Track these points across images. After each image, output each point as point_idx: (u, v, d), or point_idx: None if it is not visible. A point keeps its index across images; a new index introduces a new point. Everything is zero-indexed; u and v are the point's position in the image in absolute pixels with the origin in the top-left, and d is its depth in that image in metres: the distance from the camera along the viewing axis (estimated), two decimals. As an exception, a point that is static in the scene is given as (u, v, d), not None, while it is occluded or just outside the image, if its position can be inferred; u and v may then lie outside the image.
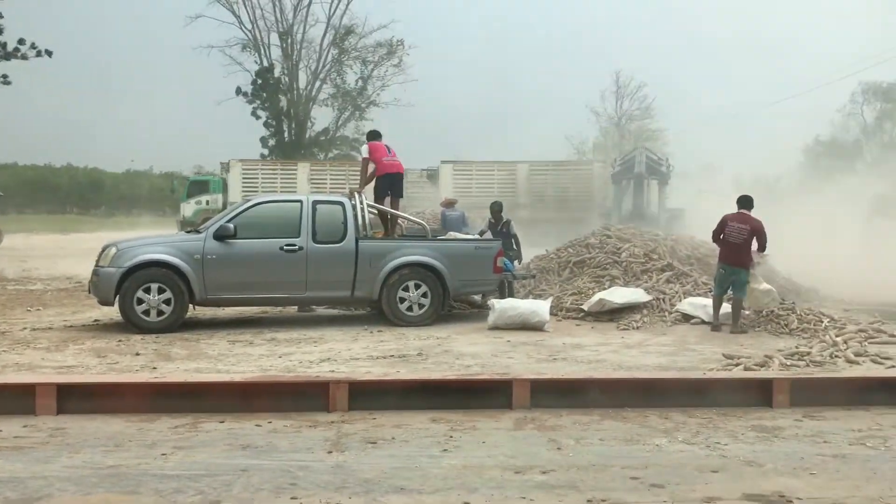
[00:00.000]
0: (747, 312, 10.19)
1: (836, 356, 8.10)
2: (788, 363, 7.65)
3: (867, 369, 7.58)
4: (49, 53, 25.57)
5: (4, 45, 24.56)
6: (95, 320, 10.39)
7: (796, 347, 8.53)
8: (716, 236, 10.24)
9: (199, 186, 32.77)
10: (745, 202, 10.25)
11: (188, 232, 11.06)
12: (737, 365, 7.57)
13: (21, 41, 24.75)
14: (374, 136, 11.92)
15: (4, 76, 25.01)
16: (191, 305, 9.83)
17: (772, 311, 10.31)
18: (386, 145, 11.54)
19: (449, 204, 14.00)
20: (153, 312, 9.41)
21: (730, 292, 10.01)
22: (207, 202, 31.37)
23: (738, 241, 9.93)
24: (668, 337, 9.47)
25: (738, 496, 4.02)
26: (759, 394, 6.06)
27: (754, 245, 10.00)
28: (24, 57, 24.94)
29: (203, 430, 5.16)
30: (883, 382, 6.39)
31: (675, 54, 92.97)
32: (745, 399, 6.02)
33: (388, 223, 11.40)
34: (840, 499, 4.02)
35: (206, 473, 4.28)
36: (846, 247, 24.59)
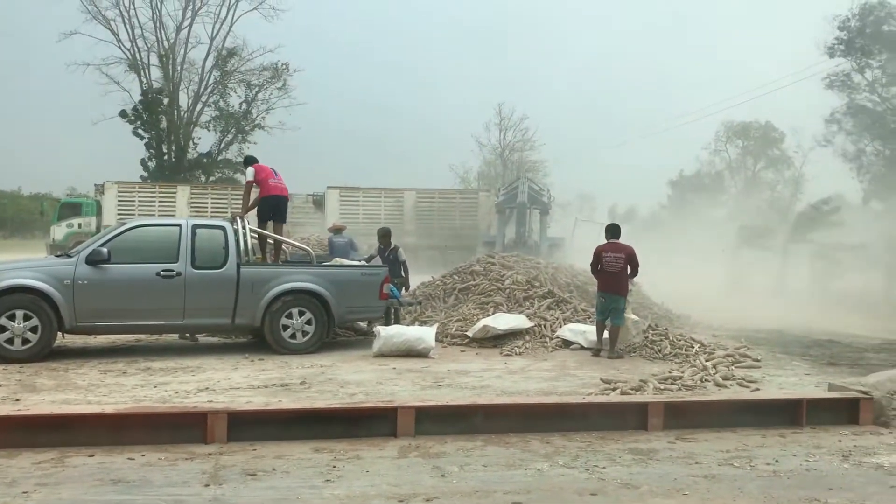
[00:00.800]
0: (636, 339, 10.54)
1: (706, 380, 8.51)
2: (662, 387, 7.96)
3: (734, 392, 8.00)
4: None
5: None
6: (-50, 350, 9.65)
7: (669, 372, 8.90)
8: (594, 268, 10.60)
9: (71, 209, 31.28)
10: (614, 231, 10.67)
11: (58, 256, 10.49)
12: (614, 389, 7.82)
13: None
14: (251, 161, 11.72)
15: None
16: (60, 333, 9.30)
17: (646, 337, 10.74)
18: (272, 168, 11.35)
19: (337, 230, 13.89)
20: (17, 340, 8.85)
21: (608, 320, 10.35)
22: (80, 225, 29.97)
23: (616, 269, 10.32)
24: (549, 362, 9.68)
25: (615, 517, 4.14)
26: (635, 417, 6.27)
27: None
28: None
29: (70, 464, 4.86)
30: (749, 405, 6.75)
31: (554, 89, 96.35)
32: (622, 423, 6.22)
33: (268, 249, 11.18)
34: (709, 517, 4.19)
35: (72, 512, 4.04)
36: (714, 275, 26.00)
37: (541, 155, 58.70)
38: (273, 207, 11.25)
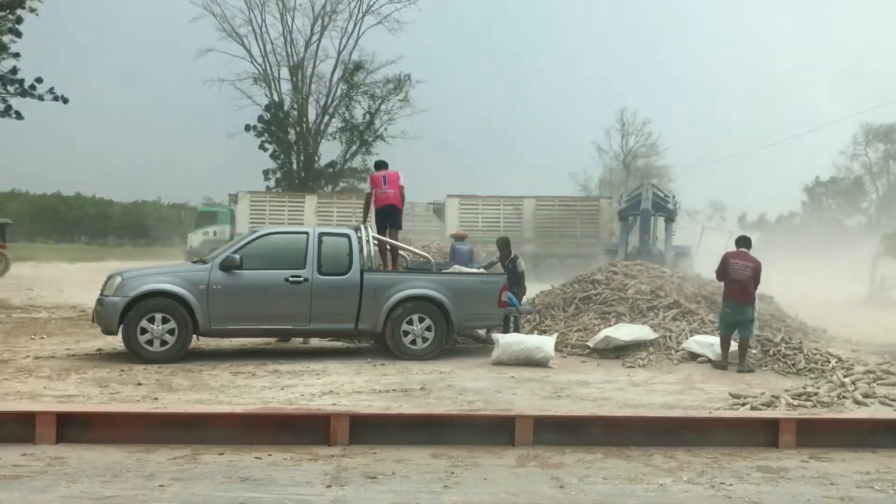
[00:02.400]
0: (754, 351, 10.13)
1: (844, 397, 8.00)
2: (795, 403, 7.56)
3: (875, 411, 7.49)
4: (65, 100, 25.95)
5: (22, 81, 24.92)
6: (98, 350, 10.36)
7: (803, 388, 8.43)
8: (719, 275, 10.21)
9: (206, 217, 32.97)
10: (745, 241, 10.32)
11: (194, 262, 11.07)
12: (743, 404, 7.48)
13: (38, 80, 25.13)
14: (379, 165, 12.01)
15: (17, 112, 25.32)
16: (194, 336, 9.80)
17: (779, 350, 10.25)
18: (383, 176, 11.55)
19: (459, 238, 14.01)
20: (156, 342, 9.39)
21: (736, 332, 9.94)
22: (215, 233, 31.50)
23: (743, 277, 9.90)
24: (674, 375, 9.39)
25: (743, 539, 3.95)
26: (765, 434, 5.97)
27: None
28: (41, 98, 25.30)
29: (202, 461, 5.10)
30: (891, 425, 6.30)
31: (679, 93, 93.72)
32: (750, 439, 5.94)
33: (386, 256, 11.39)
34: (848, 543, 3.94)
35: (204, 506, 4.23)
36: (854, 286, 24.51)
37: (666, 160, 57.19)
38: (383, 217, 11.47)
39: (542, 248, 29.72)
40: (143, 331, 9.35)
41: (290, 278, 9.90)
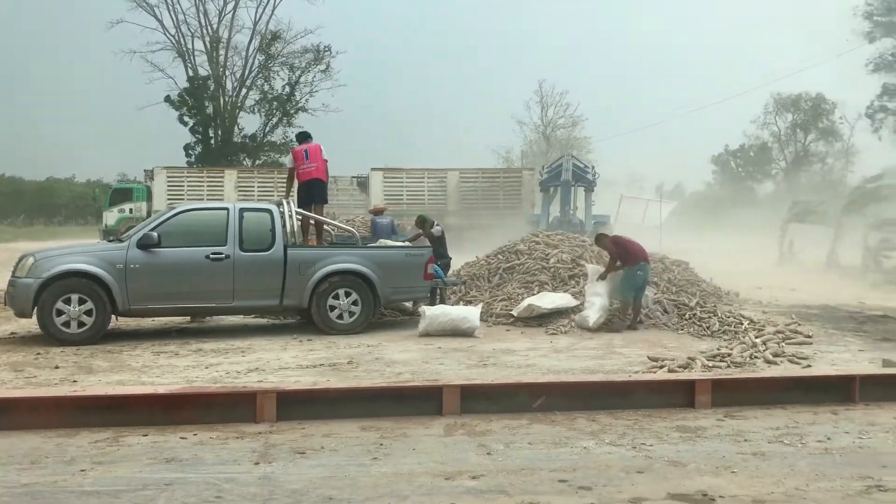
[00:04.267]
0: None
1: (756, 357, 8.38)
2: (710, 364, 7.88)
3: (784, 369, 7.88)
4: None
5: None
6: (12, 333, 9.99)
7: (718, 349, 8.80)
8: (622, 258, 10.72)
9: (122, 194, 31.92)
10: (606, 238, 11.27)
11: (110, 241, 10.73)
12: (661, 367, 7.76)
13: None
14: (301, 137, 11.85)
15: None
16: (113, 316, 9.54)
17: (694, 314, 10.69)
18: (305, 150, 11.38)
19: (378, 211, 13.96)
20: (73, 324, 9.10)
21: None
22: (131, 210, 30.59)
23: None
24: (594, 341, 9.64)
25: (663, 496, 4.11)
26: (682, 395, 6.21)
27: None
28: None
29: (125, 444, 5.00)
30: (799, 382, 6.64)
31: (596, 67, 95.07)
32: (669, 400, 6.17)
33: (308, 231, 11.26)
34: (760, 496, 4.15)
35: (128, 489, 4.16)
36: (764, 251, 25.54)
37: (585, 132, 58.10)
38: (307, 191, 11.32)
39: (467, 220, 29.86)
40: (59, 312, 9.05)
41: (211, 255, 9.71)
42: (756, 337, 9.36)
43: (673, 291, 12.14)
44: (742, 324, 10.30)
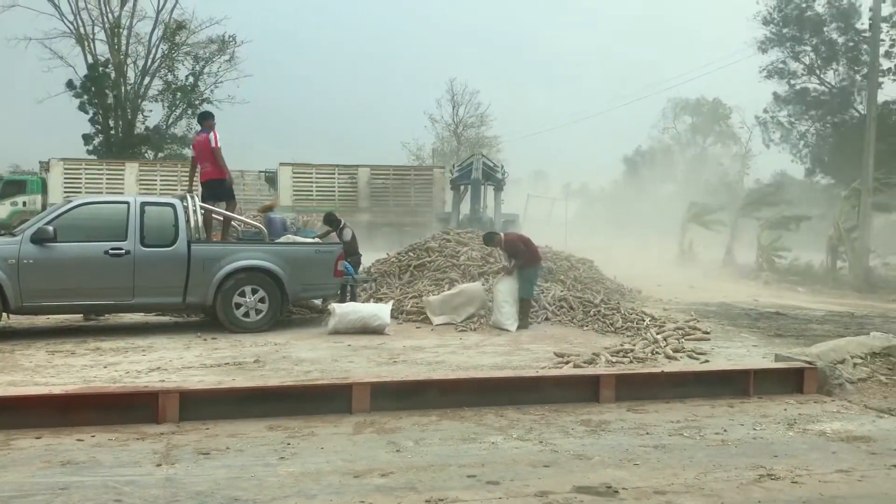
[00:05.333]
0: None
1: (657, 353, 8.67)
2: (614, 360, 8.10)
3: (684, 364, 8.17)
4: None
5: None
6: None
7: (621, 345, 9.06)
8: (529, 254, 10.85)
9: (14, 186, 30.29)
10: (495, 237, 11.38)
11: (2, 235, 10.19)
12: (567, 363, 7.93)
13: None
14: (200, 118, 11.62)
15: None
16: (4, 314, 9.06)
17: (598, 311, 10.93)
18: (195, 146, 11.15)
19: (269, 208, 13.65)
20: (-42, 323, 8.61)
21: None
22: (24, 203, 29.09)
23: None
24: (503, 338, 9.76)
25: (568, 489, 4.20)
26: (587, 390, 6.37)
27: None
28: None
29: (17, 447, 4.76)
30: (698, 376, 6.92)
31: (507, 67, 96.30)
32: (574, 395, 6.32)
33: (211, 226, 10.98)
34: (661, 486, 4.29)
35: (19, 494, 3.96)
36: (665, 250, 26.44)
37: (495, 131, 58.68)
38: (209, 192, 11.07)
39: (377, 217, 29.79)
40: (-57, 311, 8.54)
41: (111, 251, 9.34)
42: (657, 333, 9.68)
43: (578, 289, 12.43)
44: (644, 320, 10.63)
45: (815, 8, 37.66)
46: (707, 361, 8.35)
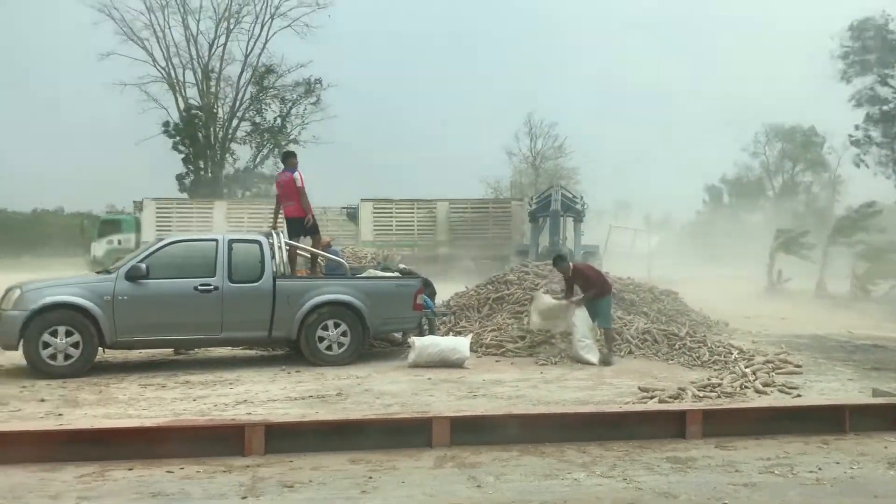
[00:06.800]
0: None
1: (746, 387, 8.38)
2: (701, 395, 7.87)
3: (775, 399, 7.88)
4: None
5: None
6: (-4, 366, 9.88)
7: (708, 379, 8.79)
8: (603, 284, 10.70)
9: (110, 226, 31.80)
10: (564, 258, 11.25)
11: (98, 272, 10.68)
12: (652, 398, 7.74)
13: None
14: (284, 157, 11.95)
15: None
16: (101, 348, 9.46)
17: (684, 344, 10.66)
18: (281, 183, 11.45)
19: (326, 244, 13.83)
20: (60, 356, 9.01)
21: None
22: (119, 242, 30.44)
23: None
24: (585, 372, 9.61)
25: (653, 527, 4.09)
26: (673, 425, 6.19)
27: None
28: None
29: (111, 478, 4.94)
30: (790, 412, 6.64)
31: (585, 97, 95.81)
32: (660, 431, 6.15)
33: (296, 261, 11.23)
34: (750, 526, 4.13)
35: (113, 524, 4.10)
36: (753, 280, 25.63)
37: (574, 162, 58.40)
38: (291, 227, 11.35)
39: (456, 251, 29.92)
40: (46, 345, 8.96)
41: (200, 287, 9.67)
42: (746, 367, 9.37)
43: (663, 321, 12.17)
44: (732, 353, 10.31)
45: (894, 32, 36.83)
46: (799, 396, 8.03)
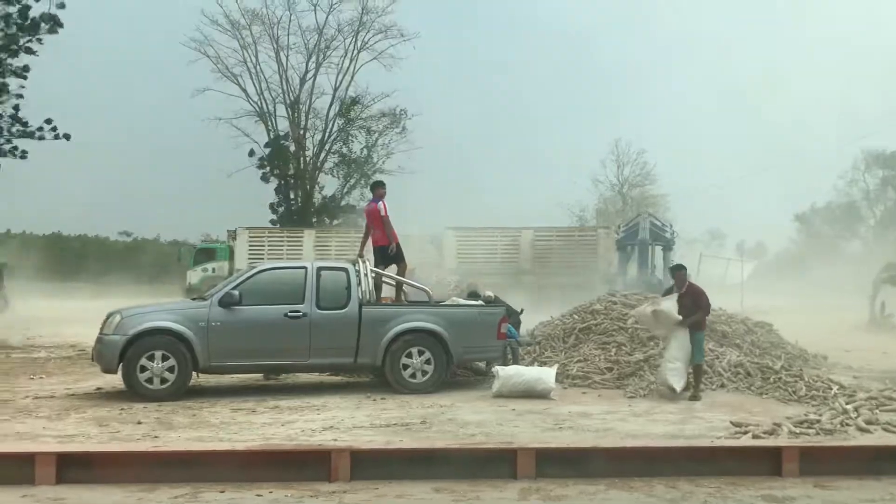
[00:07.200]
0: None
1: (847, 424, 7.99)
2: (798, 431, 7.55)
3: (878, 437, 7.48)
4: (67, 137, 26.02)
5: (27, 123, 25.08)
6: (98, 388, 10.31)
7: (805, 415, 8.42)
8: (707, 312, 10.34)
9: (205, 254, 32.94)
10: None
11: (193, 299, 11.07)
12: (745, 433, 7.46)
13: (48, 121, 25.28)
14: (372, 187, 12.14)
15: (24, 152, 25.46)
16: (194, 373, 9.77)
17: (779, 378, 10.25)
18: (368, 212, 11.62)
19: (410, 272, 13.88)
20: (156, 380, 9.36)
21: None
22: (214, 269, 31.46)
23: None
24: (675, 405, 9.35)
25: (748, 569, 3.92)
26: (768, 463, 5.94)
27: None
28: (42, 138, 25.42)
29: (203, 500, 5.07)
30: (895, 451, 6.28)
31: (673, 123, 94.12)
32: (753, 468, 5.91)
33: (381, 289, 11.34)
34: (854, 572, 3.91)
35: (205, 546, 4.20)
36: (853, 313, 24.49)
37: (662, 189, 57.34)
38: (379, 255, 11.50)
39: (541, 279, 29.70)
40: (143, 369, 9.33)
41: (289, 313, 9.90)
42: (847, 403, 8.91)
43: (756, 354, 11.75)
44: (831, 389, 9.84)
45: None
46: (906, 435, 7.59)
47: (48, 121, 25.17)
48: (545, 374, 9.90)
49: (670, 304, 10.09)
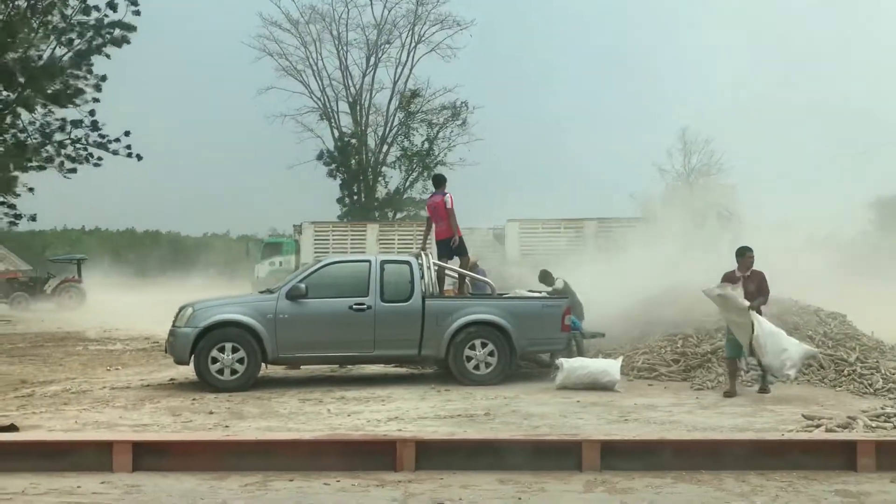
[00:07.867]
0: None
1: (926, 418, 7.70)
2: (874, 425, 7.31)
3: (960, 432, 7.19)
4: (139, 157, 26.91)
5: (104, 135, 25.92)
6: (171, 379, 10.65)
7: (882, 408, 8.15)
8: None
9: (273, 248, 33.63)
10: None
11: (262, 292, 11.32)
12: (817, 426, 7.27)
13: (126, 133, 26.09)
14: (435, 182, 12.16)
15: (99, 159, 26.38)
16: (263, 364, 10.00)
17: (854, 370, 9.93)
18: (433, 205, 11.65)
19: (473, 265, 13.81)
20: (227, 371, 9.61)
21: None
22: (281, 263, 32.08)
23: None
24: (743, 397, 9.17)
25: (821, 565, 3.84)
26: (842, 457, 5.78)
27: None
28: (116, 152, 26.27)
29: (273, 488, 5.20)
30: (977, 446, 6.04)
31: (743, 111, 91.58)
32: (826, 462, 5.76)
33: (444, 281, 11.38)
34: (933, 570, 3.79)
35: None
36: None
37: (730, 178, 55.97)
38: (442, 248, 11.51)
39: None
40: (214, 360, 9.59)
41: (354, 306, 10.05)
42: (926, 396, 8.61)
43: (829, 346, 11.40)
44: (909, 382, 9.51)
45: None
46: None
47: (127, 133, 26.04)
48: (610, 366, 9.82)
49: (737, 291, 9.84)
